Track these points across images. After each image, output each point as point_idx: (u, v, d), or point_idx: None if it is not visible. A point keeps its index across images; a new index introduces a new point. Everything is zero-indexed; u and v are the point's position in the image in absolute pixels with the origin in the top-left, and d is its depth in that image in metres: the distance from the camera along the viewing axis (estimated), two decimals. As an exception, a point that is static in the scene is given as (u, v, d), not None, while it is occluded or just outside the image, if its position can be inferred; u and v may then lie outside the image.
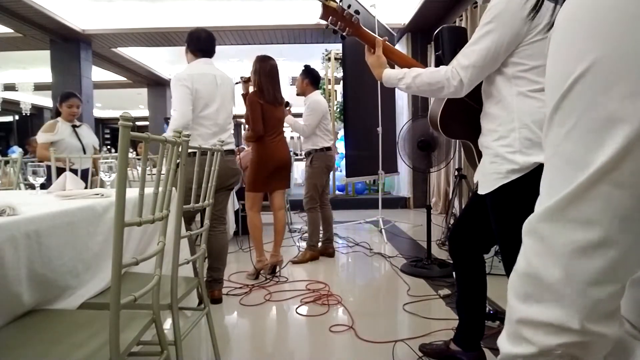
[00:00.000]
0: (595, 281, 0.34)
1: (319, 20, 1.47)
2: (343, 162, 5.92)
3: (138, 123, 14.38)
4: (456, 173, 3.89)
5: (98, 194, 1.55)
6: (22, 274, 1.06)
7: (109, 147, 11.60)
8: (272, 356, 1.94)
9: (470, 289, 1.65)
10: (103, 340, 0.99)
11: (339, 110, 7.16)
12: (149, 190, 1.09)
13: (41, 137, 3.59)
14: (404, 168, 5.45)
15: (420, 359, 1.80)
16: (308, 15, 5.79)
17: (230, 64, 8.28)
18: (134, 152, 6.04)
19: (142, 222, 1.01)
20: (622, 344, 0.41)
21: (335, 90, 7.37)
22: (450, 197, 4.14)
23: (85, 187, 1.98)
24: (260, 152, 2.94)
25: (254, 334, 2.18)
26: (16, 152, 7.98)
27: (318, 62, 7.68)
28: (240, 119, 7.89)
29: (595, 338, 0.35)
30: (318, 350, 2.00)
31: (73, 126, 3.70)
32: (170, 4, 5.62)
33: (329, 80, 7.24)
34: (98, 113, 14.36)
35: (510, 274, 0.41)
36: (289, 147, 3.15)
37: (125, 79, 9.64)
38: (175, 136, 1.23)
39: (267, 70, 2.91)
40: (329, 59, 7.11)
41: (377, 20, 4.62)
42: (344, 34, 1.48)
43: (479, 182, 1.42)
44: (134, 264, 0.97)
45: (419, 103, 6.26)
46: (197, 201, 1.64)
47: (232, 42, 6.78)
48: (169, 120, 2.53)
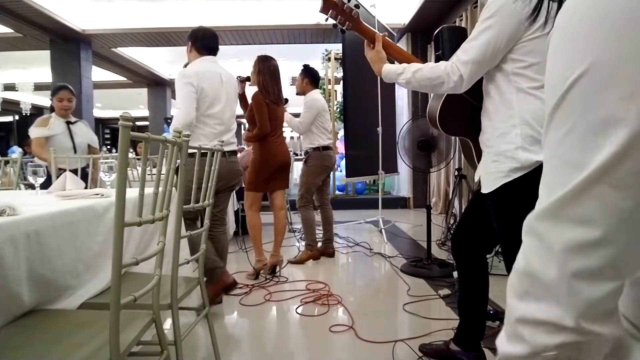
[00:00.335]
0: (591, 280, 0.34)
1: (318, 21, 1.47)
2: (343, 162, 5.92)
3: (138, 123, 14.38)
4: (456, 173, 3.89)
5: (98, 194, 1.55)
6: (22, 274, 1.06)
7: (109, 147, 11.61)
8: (272, 356, 1.94)
9: (472, 289, 1.65)
10: (103, 340, 0.99)
11: (339, 110, 7.16)
12: (149, 190, 1.09)
13: (34, 132, 3.28)
14: (404, 168, 5.45)
15: (420, 359, 1.80)
16: (308, 15, 5.78)
17: (230, 64, 8.28)
18: (133, 152, 6.03)
19: (142, 222, 1.01)
20: (621, 343, 0.41)
21: (335, 90, 7.37)
22: (450, 197, 4.14)
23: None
24: (263, 151, 2.94)
25: (254, 334, 2.18)
26: (16, 152, 7.99)
27: (318, 62, 7.67)
28: (240, 119, 7.88)
29: (592, 338, 0.35)
30: (318, 350, 2.00)
31: (67, 122, 3.39)
32: (170, 4, 5.62)
33: (329, 80, 7.24)
34: (98, 113, 14.36)
35: (510, 272, 0.41)
36: (288, 149, 3.16)
37: (125, 79, 9.64)
38: (175, 136, 1.23)
39: (270, 70, 2.92)
40: (329, 59, 7.11)
41: (377, 20, 4.62)
42: (343, 28, 1.47)
43: (481, 181, 1.42)
44: (134, 264, 0.97)
45: (419, 103, 6.26)
46: (200, 201, 1.64)
47: (232, 42, 6.78)
48: (169, 121, 2.52)
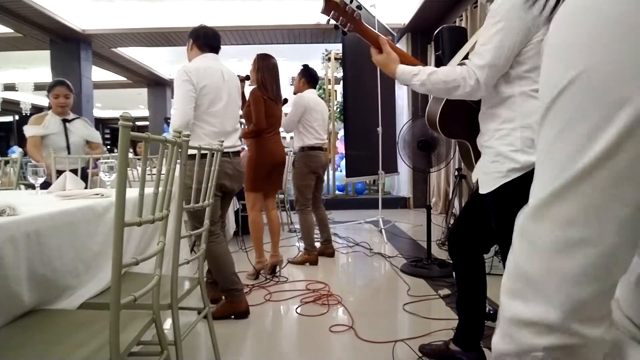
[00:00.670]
0: (577, 280, 0.35)
1: (318, 21, 1.47)
2: (343, 162, 5.92)
3: (138, 123, 14.38)
4: (456, 173, 3.89)
5: (98, 194, 1.55)
6: (22, 274, 1.06)
7: (109, 147, 11.61)
8: (272, 356, 1.94)
9: (470, 289, 1.65)
10: (103, 340, 0.99)
11: (339, 110, 7.16)
12: (149, 190, 1.09)
13: (28, 131, 3.08)
14: (404, 168, 5.45)
15: (420, 359, 1.80)
16: (308, 15, 5.78)
17: (230, 64, 8.28)
18: (132, 152, 6.03)
19: (142, 222, 1.01)
20: (621, 345, 0.41)
21: (335, 90, 7.37)
22: (450, 197, 4.14)
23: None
24: (258, 148, 2.92)
25: (254, 334, 2.18)
26: (16, 152, 8.00)
27: (318, 62, 7.68)
28: (241, 119, 7.87)
29: (581, 341, 0.35)
30: (318, 350, 2.00)
31: (64, 120, 3.18)
32: (170, 4, 5.62)
33: (329, 80, 7.25)
34: (98, 113, 14.36)
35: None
36: (284, 149, 3.13)
37: (125, 79, 9.65)
38: (175, 136, 1.23)
39: (269, 68, 2.92)
40: (329, 59, 7.11)
41: (377, 20, 4.62)
42: (345, 30, 1.47)
43: (479, 182, 1.43)
44: (134, 264, 0.97)
45: (419, 103, 6.26)
46: (203, 201, 1.64)
47: (232, 42, 6.78)
48: (169, 121, 2.49)
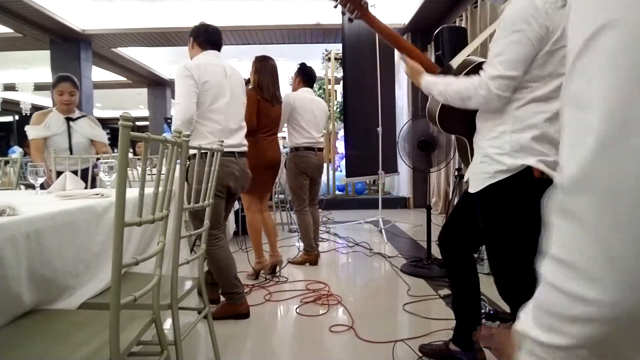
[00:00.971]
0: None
1: (318, 21, 1.48)
2: (343, 162, 5.92)
3: (138, 123, 14.37)
4: (456, 173, 3.89)
5: (98, 194, 1.55)
6: (22, 274, 1.06)
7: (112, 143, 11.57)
8: (272, 356, 1.94)
9: (463, 288, 1.66)
10: (103, 340, 0.99)
11: (339, 110, 7.16)
12: (149, 190, 1.09)
13: (31, 133, 2.93)
14: (404, 168, 5.45)
15: (420, 359, 1.80)
16: (308, 15, 5.79)
17: (230, 64, 8.27)
18: (132, 152, 6.02)
19: (142, 222, 1.01)
20: None
21: (335, 90, 7.37)
22: (450, 197, 4.14)
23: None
24: (251, 148, 2.90)
25: (254, 334, 2.18)
26: (16, 152, 7.99)
27: (318, 62, 7.67)
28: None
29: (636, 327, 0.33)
30: (318, 350, 2.00)
31: (68, 119, 3.01)
32: (170, 4, 5.62)
33: (329, 80, 7.24)
34: (98, 113, 14.34)
35: (545, 259, 0.38)
36: (279, 149, 3.09)
37: (125, 79, 9.65)
38: (175, 136, 1.23)
39: (267, 69, 2.91)
40: (329, 59, 7.11)
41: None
42: (352, 16, 1.48)
43: (469, 180, 1.44)
44: (134, 264, 0.97)
45: (419, 103, 6.26)
46: (203, 201, 1.64)
47: (232, 42, 6.78)
48: (169, 121, 2.47)
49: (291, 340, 2.13)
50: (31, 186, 2.52)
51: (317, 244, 3.50)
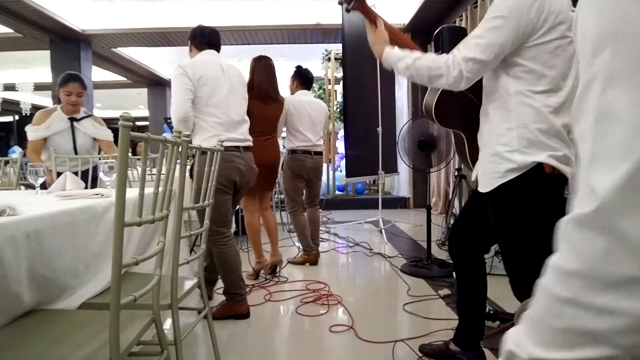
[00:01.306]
0: None
1: (318, 21, 1.49)
2: (343, 162, 5.92)
3: (138, 123, 14.37)
4: (456, 173, 3.89)
5: (98, 194, 1.55)
6: (22, 274, 1.06)
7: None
8: (272, 356, 1.94)
9: (471, 289, 1.65)
10: (103, 340, 0.99)
11: (339, 110, 7.16)
12: (149, 190, 1.09)
13: (30, 134, 2.85)
14: (404, 168, 5.45)
15: (420, 359, 1.80)
16: (308, 15, 5.79)
17: (228, 62, 8.27)
18: (132, 152, 6.01)
19: (142, 222, 1.01)
20: None
21: (335, 90, 7.37)
22: (450, 197, 4.14)
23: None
24: None
25: (254, 334, 2.18)
26: (16, 152, 7.99)
27: (318, 62, 7.68)
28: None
29: None
30: (318, 350, 2.00)
31: (72, 119, 2.93)
32: (170, 4, 5.62)
33: (329, 80, 7.24)
34: (98, 113, 14.29)
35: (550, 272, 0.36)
36: (278, 151, 3.05)
37: (125, 79, 9.65)
38: (175, 136, 1.23)
39: (261, 69, 2.88)
40: (329, 59, 7.11)
41: (377, 20, 4.61)
42: (349, 7, 1.48)
43: (478, 180, 1.43)
44: (134, 264, 0.97)
45: (419, 103, 6.26)
46: (202, 201, 1.63)
47: (232, 42, 6.78)
48: (169, 121, 2.46)
49: (291, 340, 2.13)
50: (31, 186, 2.52)
51: (317, 244, 3.48)
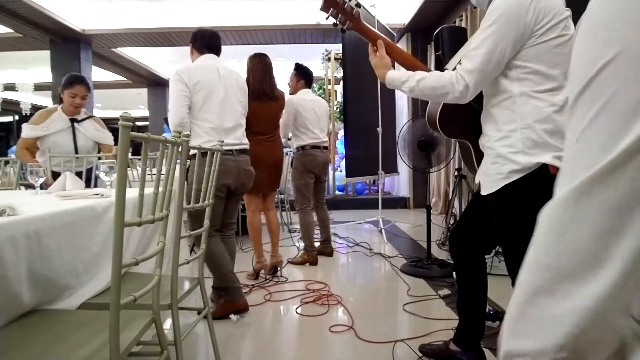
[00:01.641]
0: (622, 272, 0.33)
1: (318, 21, 1.48)
2: (343, 162, 5.92)
3: (138, 123, 14.37)
4: (456, 173, 3.89)
5: (98, 194, 1.55)
6: (22, 274, 1.06)
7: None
8: (272, 356, 1.94)
9: (471, 289, 1.65)
10: (103, 340, 0.99)
11: (339, 110, 7.16)
12: (149, 190, 1.09)
13: (25, 131, 2.80)
14: (404, 168, 5.45)
15: (420, 359, 1.80)
16: (308, 15, 5.78)
17: (230, 64, 8.23)
18: (132, 153, 6.00)
19: (142, 222, 1.01)
20: (625, 344, 0.41)
21: (335, 90, 7.37)
22: (450, 197, 4.14)
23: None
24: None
25: (254, 334, 2.18)
26: (16, 152, 7.95)
27: (318, 62, 7.67)
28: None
29: (616, 332, 0.34)
30: (318, 350, 2.00)
31: (72, 120, 2.90)
32: (170, 4, 5.62)
33: (329, 80, 7.24)
34: (98, 113, 14.30)
35: (521, 268, 0.40)
36: (280, 149, 3.05)
37: (125, 79, 9.65)
38: (175, 136, 1.23)
39: (257, 67, 2.88)
40: (329, 59, 7.11)
41: (377, 20, 4.62)
42: (344, 27, 1.47)
43: (480, 183, 1.42)
44: (133, 264, 0.97)
45: (419, 103, 6.26)
46: (203, 201, 1.63)
47: (232, 42, 6.78)
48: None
49: (291, 340, 2.13)
50: (31, 186, 2.51)
51: (329, 239, 3.64)
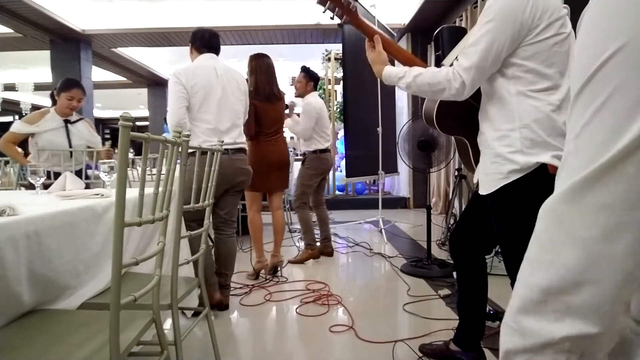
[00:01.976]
0: (619, 268, 0.33)
1: (318, 21, 1.48)
2: (343, 162, 5.92)
3: (138, 123, 14.38)
4: (456, 173, 3.89)
5: (98, 194, 1.55)
6: (22, 274, 1.06)
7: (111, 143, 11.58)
8: (272, 356, 1.94)
9: (471, 289, 1.65)
10: (103, 340, 0.99)
11: (339, 110, 7.16)
12: (149, 190, 1.09)
13: (19, 126, 2.87)
14: (404, 168, 5.45)
15: (420, 359, 1.80)
16: (308, 15, 5.78)
17: (230, 64, 8.22)
18: (133, 152, 6.01)
19: (142, 222, 1.01)
20: (625, 341, 0.41)
21: (335, 90, 7.37)
22: (450, 197, 4.14)
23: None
24: (255, 151, 2.91)
25: (254, 334, 2.18)
26: (16, 152, 7.93)
27: (318, 62, 7.67)
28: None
29: (616, 328, 0.34)
30: (318, 350, 2.00)
31: (66, 121, 2.99)
32: (170, 4, 5.62)
33: (329, 80, 7.24)
34: (98, 113, 14.35)
35: (522, 262, 0.40)
36: (287, 148, 3.12)
37: (125, 79, 9.64)
38: (175, 136, 1.23)
39: (262, 68, 2.90)
40: (329, 59, 7.11)
41: (377, 20, 4.62)
42: (341, 21, 1.48)
43: (479, 183, 1.42)
44: (134, 264, 0.97)
45: (419, 103, 6.26)
46: (202, 201, 1.63)
47: (232, 42, 6.78)
48: (169, 120, 2.48)
49: (291, 340, 2.13)
50: (31, 187, 2.52)
51: (329, 238, 3.68)
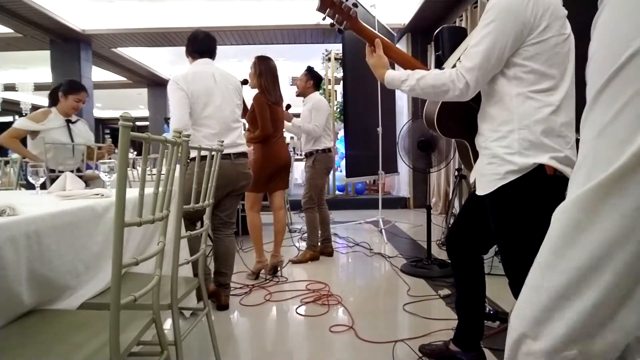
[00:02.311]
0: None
1: (318, 21, 1.47)
2: (343, 162, 5.92)
3: (138, 123, 14.37)
4: (456, 173, 3.89)
5: (98, 194, 1.55)
6: (22, 274, 1.06)
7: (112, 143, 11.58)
8: (272, 356, 1.94)
9: (469, 289, 1.65)
10: (103, 340, 0.99)
11: (339, 110, 7.16)
12: (149, 191, 1.09)
13: (21, 122, 2.93)
14: (404, 168, 5.45)
15: (420, 359, 1.80)
16: (308, 15, 5.78)
17: (230, 64, 8.27)
18: (134, 153, 6.02)
19: (142, 222, 1.01)
20: (629, 348, 0.40)
21: (335, 90, 7.37)
22: (450, 197, 4.14)
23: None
24: (264, 152, 2.94)
25: (254, 334, 2.18)
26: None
27: (318, 62, 7.67)
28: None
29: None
30: (318, 350, 2.00)
31: (67, 121, 3.10)
32: (170, 4, 5.62)
33: (329, 80, 7.24)
34: (98, 113, 14.36)
35: (532, 267, 0.39)
36: (288, 148, 3.17)
37: (125, 79, 9.64)
38: (175, 136, 1.23)
39: (271, 71, 2.94)
40: (329, 59, 7.11)
41: (377, 21, 4.62)
42: (341, 27, 1.47)
43: (476, 183, 1.42)
44: (134, 264, 0.97)
45: (419, 103, 6.26)
46: (202, 202, 1.63)
47: (232, 42, 6.78)
48: (169, 121, 2.49)
49: (291, 340, 2.13)
50: (31, 187, 2.52)
51: (330, 239, 3.70)
